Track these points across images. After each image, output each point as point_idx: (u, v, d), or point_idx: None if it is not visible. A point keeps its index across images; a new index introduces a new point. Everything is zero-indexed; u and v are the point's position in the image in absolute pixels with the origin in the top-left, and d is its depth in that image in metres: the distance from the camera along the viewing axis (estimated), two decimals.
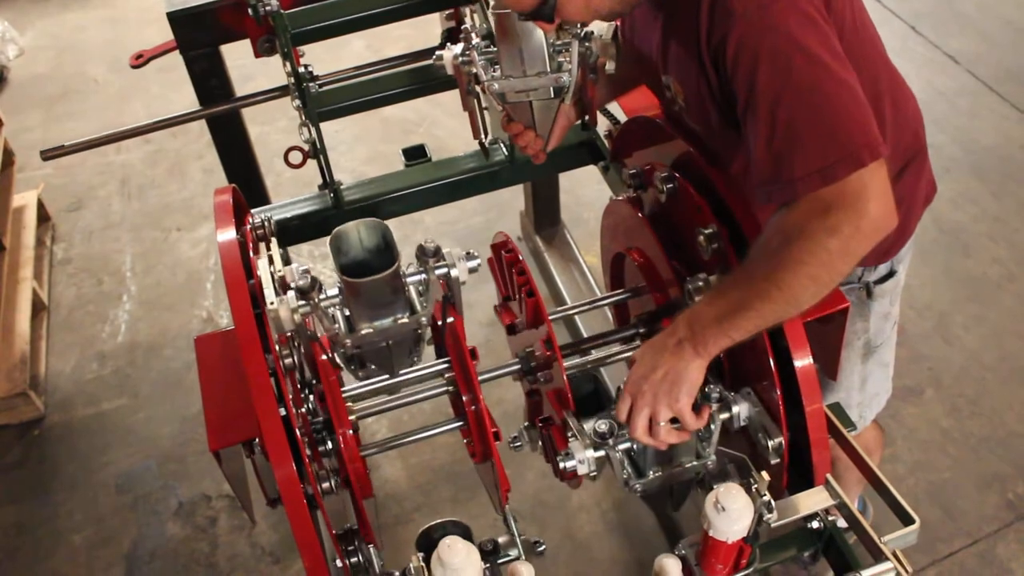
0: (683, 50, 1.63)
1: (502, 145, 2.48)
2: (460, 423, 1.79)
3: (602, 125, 2.38)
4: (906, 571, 1.51)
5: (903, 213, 1.83)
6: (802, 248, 1.41)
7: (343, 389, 1.75)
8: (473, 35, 1.82)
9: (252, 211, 1.90)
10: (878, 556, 1.54)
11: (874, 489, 1.64)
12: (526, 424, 1.88)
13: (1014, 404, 3.09)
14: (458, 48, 1.84)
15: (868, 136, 1.41)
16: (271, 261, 1.64)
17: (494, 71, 1.79)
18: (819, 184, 1.40)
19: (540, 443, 1.82)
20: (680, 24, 1.62)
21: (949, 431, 3.02)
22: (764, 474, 1.48)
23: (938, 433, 3.01)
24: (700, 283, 1.60)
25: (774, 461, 1.59)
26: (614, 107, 2.28)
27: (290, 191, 2.69)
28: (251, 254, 1.68)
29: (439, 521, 1.59)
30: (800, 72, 1.40)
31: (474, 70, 1.81)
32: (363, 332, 1.56)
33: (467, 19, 2.42)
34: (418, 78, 2.48)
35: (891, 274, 1.97)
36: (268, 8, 2.11)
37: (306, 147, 2.33)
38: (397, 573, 1.58)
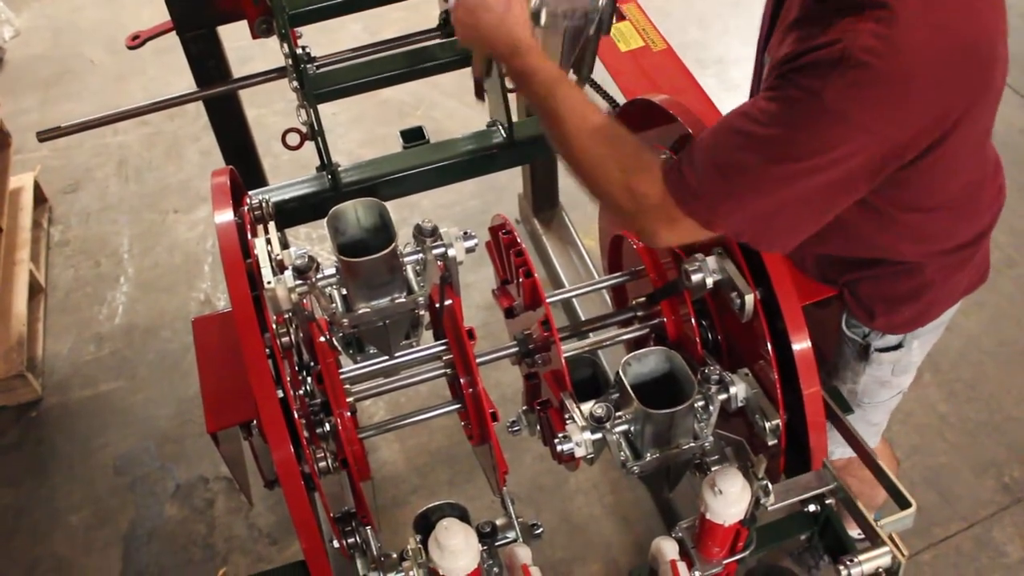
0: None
1: (500, 127, 2.47)
2: (458, 405, 1.79)
3: (601, 107, 2.37)
4: (902, 554, 1.51)
5: (929, 296, 1.77)
6: (617, 162, 1.48)
7: (341, 371, 1.75)
8: None
9: (249, 193, 1.90)
10: (874, 539, 1.54)
11: (871, 473, 1.64)
12: (524, 408, 1.88)
13: (1012, 389, 3.09)
14: None
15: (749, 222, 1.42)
16: (269, 242, 1.64)
17: None
18: (684, 196, 1.42)
19: (538, 427, 1.82)
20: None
21: (946, 416, 3.02)
22: (761, 457, 1.48)
23: (935, 418, 3.02)
24: (696, 264, 1.60)
25: (771, 443, 1.59)
26: (613, 90, 2.27)
27: (288, 173, 2.67)
28: (249, 235, 1.67)
29: (437, 503, 1.59)
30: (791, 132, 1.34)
31: None
32: (360, 312, 1.56)
33: None
34: (416, 60, 2.46)
35: (899, 346, 1.87)
36: None
37: (304, 129, 2.32)
38: (395, 555, 1.58)
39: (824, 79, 1.29)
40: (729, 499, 1.43)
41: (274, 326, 1.54)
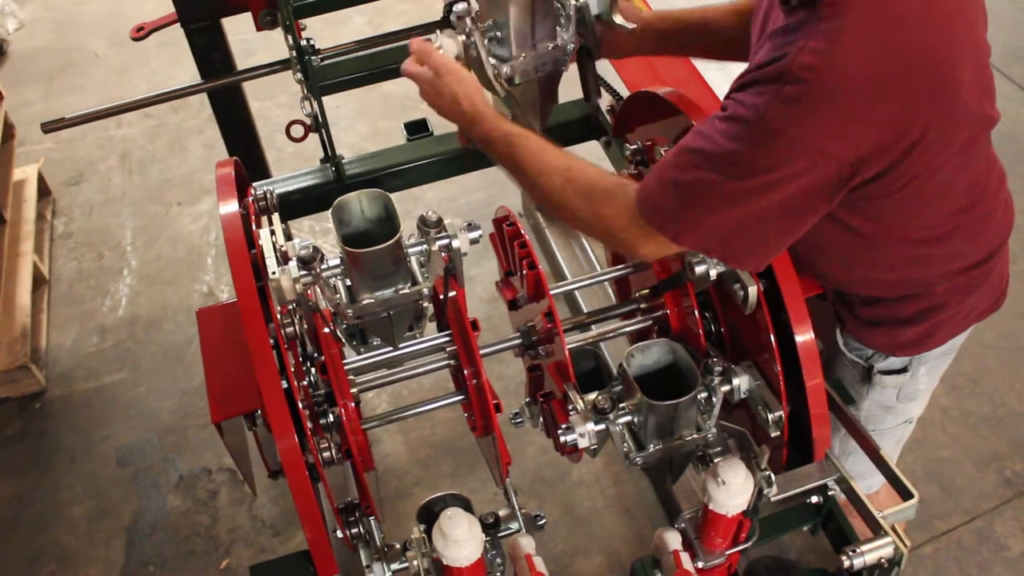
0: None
1: None
2: (461, 396, 1.79)
3: (604, 100, 2.37)
4: (904, 545, 1.52)
5: (936, 318, 1.72)
6: (578, 195, 1.56)
7: (344, 362, 1.76)
8: (467, 19, 1.75)
9: (253, 184, 1.90)
10: (877, 531, 1.55)
11: (874, 465, 1.65)
12: (527, 400, 1.89)
13: (1014, 383, 3.09)
14: (458, 37, 1.77)
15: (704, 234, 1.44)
16: (273, 233, 1.64)
17: (494, 56, 1.74)
18: (651, 212, 1.46)
19: (541, 418, 1.83)
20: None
21: (948, 409, 3.02)
22: (764, 447, 1.48)
23: (937, 411, 3.02)
24: (700, 256, 1.60)
25: (774, 434, 1.59)
26: (616, 82, 2.27)
27: (291, 167, 2.68)
28: (253, 227, 1.67)
29: (440, 494, 1.59)
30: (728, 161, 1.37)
31: (491, 59, 1.74)
32: (364, 302, 1.56)
33: None
34: None
35: (903, 370, 1.82)
36: None
37: (308, 121, 2.33)
38: (398, 545, 1.59)
39: (764, 97, 1.32)
40: (732, 490, 1.44)
41: (278, 316, 1.55)
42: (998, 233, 1.71)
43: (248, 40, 2.78)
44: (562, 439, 1.58)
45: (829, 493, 1.63)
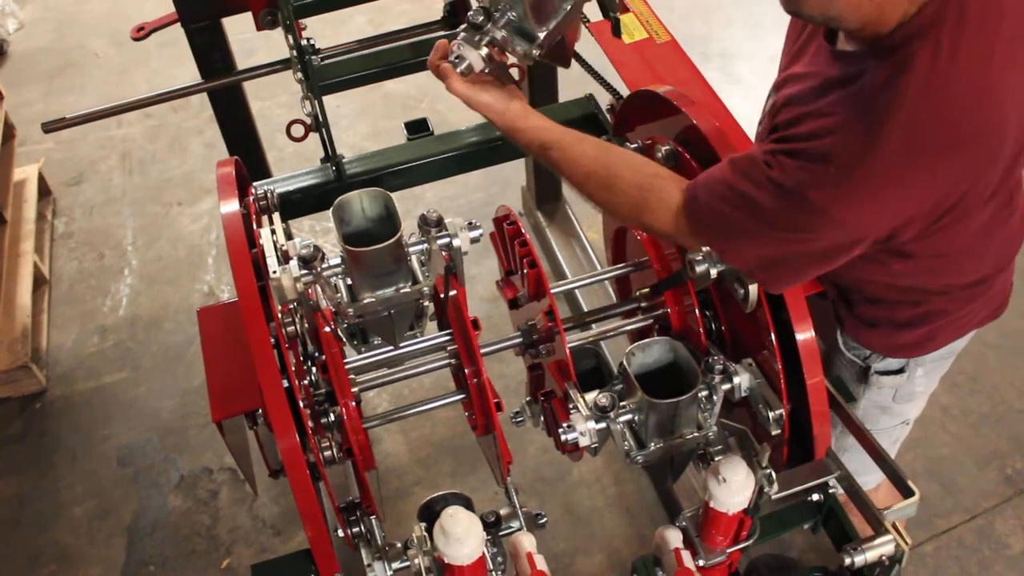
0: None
1: None
2: (462, 395, 1.79)
3: (605, 99, 2.37)
4: (905, 543, 1.52)
5: (936, 323, 1.74)
6: (631, 185, 1.59)
7: (345, 361, 1.76)
8: (487, 25, 1.59)
9: (254, 184, 1.90)
10: (878, 528, 1.55)
11: (875, 462, 1.65)
12: (528, 399, 1.89)
13: (1015, 381, 3.09)
14: (473, 37, 1.60)
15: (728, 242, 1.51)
16: (274, 232, 1.64)
17: (520, 43, 1.60)
18: (699, 231, 1.52)
19: (542, 417, 1.83)
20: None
21: (948, 408, 3.03)
22: (765, 445, 1.48)
23: (937, 410, 3.02)
24: (701, 255, 1.60)
25: (775, 432, 1.59)
26: (617, 81, 2.27)
27: (292, 166, 2.68)
28: (254, 226, 1.67)
29: (441, 493, 1.59)
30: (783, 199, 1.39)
31: (510, 48, 1.61)
32: (365, 301, 1.56)
33: None
34: (420, 52, 2.47)
35: (900, 371, 1.84)
36: None
37: (308, 120, 2.33)
38: (399, 544, 1.59)
39: (808, 173, 1.34)
40: (733, 487, 1.44)
41: (279, 316, 1.55)
42: (1008, 251, 1.72)
43: (248, 40, 2.78)
44: (563, 438, 1.58)
45: (830, 491, 1.63)
